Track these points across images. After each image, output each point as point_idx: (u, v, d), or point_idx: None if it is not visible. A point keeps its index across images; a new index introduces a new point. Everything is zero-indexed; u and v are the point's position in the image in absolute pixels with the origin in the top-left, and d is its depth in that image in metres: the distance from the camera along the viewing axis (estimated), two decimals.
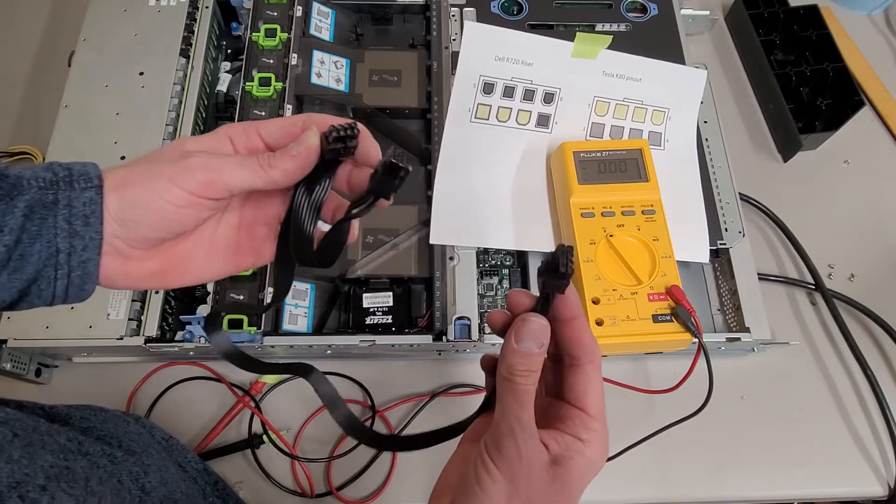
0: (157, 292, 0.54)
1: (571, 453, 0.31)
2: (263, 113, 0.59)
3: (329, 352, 0.55)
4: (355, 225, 0.37)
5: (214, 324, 0.39)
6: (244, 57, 0.62)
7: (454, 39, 0.65)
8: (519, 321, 0.33)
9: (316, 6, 0.65)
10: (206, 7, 0.66)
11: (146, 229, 0.32)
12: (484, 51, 0.60)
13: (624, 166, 0.56)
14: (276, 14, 0.63)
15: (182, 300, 0.56)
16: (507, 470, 0.30)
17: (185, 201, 0.32)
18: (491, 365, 0.37)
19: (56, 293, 0.32)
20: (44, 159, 0.57)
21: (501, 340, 0.55)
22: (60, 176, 0.31)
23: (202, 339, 0.52)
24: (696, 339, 0.49)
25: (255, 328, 0.51)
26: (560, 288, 0.33)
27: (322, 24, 0.65)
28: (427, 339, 0.53)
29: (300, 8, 0.63)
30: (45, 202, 0.31)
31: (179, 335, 0.53)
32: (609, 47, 0.61)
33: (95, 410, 0.44)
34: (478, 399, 0.56)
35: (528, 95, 0.60)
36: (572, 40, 0.61)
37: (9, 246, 0.30)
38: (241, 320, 0.51)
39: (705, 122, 0.65)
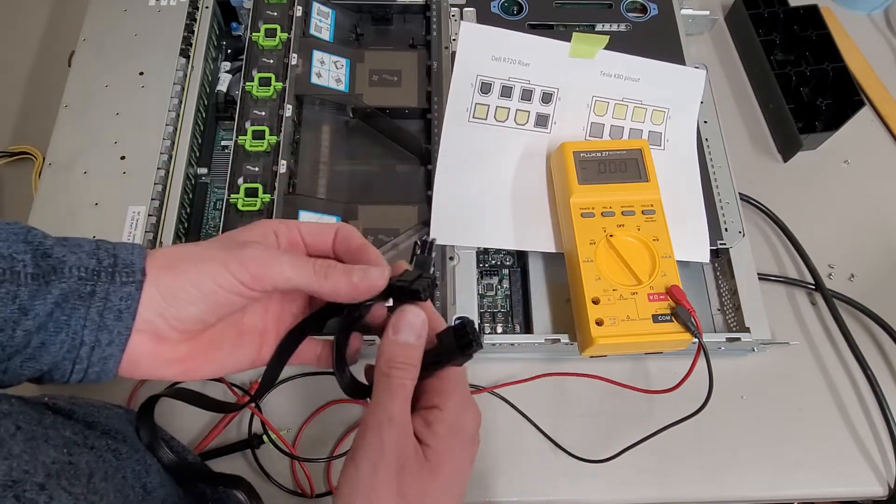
0: None
1: (433, 428, 0.32)
2: (263, 113, 0.59)
3: None
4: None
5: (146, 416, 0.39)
6: (244, 57, 0.62)
7: (454, 39, 0.65)
8: (398, 312, 0.33)
9: (316, 6, 0.65)
10: (206, 7, 0.66)
11: (193, 308, 0.32)
12: (480, 51, 0.60)
13: (624, 166, 0.56)
14: (276, 14, 0.63)
15: None
16: (370, 463, 0.30)
17: (236, 289, 0.32)
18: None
19: (69, 382, 0.31)
20: (44, 160, 0.57)
21: (502, 340, 0.55)
22: (104, 265, 0.30)
23: None
24: (696, 339, 0.49)
25: None
26: (459, 362, 0.33)
27: (322, 24, 0.65)
28: None
29: (300, 8, 0.63)
30: (82, 293, 0.30)
31: None
32: (609, 47, 0.61)
33: (98, 407, 0.43)
34: (478, 399, 0.56)
35: (526, 95, 0.60)
36: (570, 40, 0.61)
37: (28, 331, 0.29)
38: None
39: (705, 122, 0.65)
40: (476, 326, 0.33)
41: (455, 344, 0.32)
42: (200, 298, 0.32)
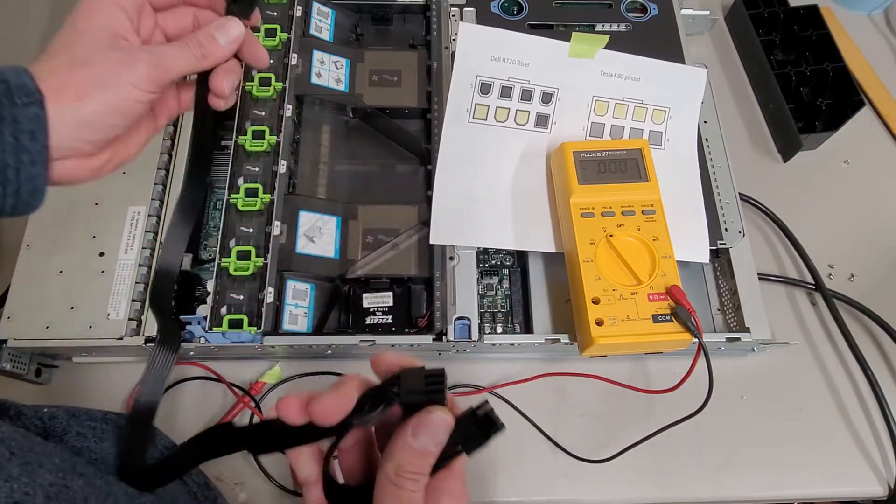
0: None
1: None
2: (263, 113, 0.59)
3: (329, 352, 0.55)
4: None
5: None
6: None
7: (454, 39, 0.65)
8: (424, 414, 0.29)
9: (316, 6, 0.65)
10: None
11: (112, 126, 0.35)
12: (480, 51, 0.60)
13: (624, 166, 0.56)
14: (276, 14, 0.63)
15: (182, 300, 0.56)
16: None
17: (145, 98, 0.35)
18: (382, 369, 0.32)
19: (4, 208, 0.32)
20: None
21: (502, 340, 0.55)
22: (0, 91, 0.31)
23: (202, 340, 0.52)
24: (696, 339, 0.49)
25: (256, 328, 0.51)
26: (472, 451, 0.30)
27: (322, 24, 0.65)
28: (427, 339, 0.53)
29: (300, 8, 0.63)
30: None
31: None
32: (609, 47, 0.61)
33: (97, 421, 0.43)
34: (478, 399, 0.56)
35: (526, 95, 0.60)
36: (569, 40, 0.61)
37: None
38: (241, 320, 0.51)
39: (705, 122, 0.65)
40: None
41: (479, 431, 0.30)
42: (119, 117, 0.34)
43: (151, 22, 0.38)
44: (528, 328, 0.58)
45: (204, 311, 0.52)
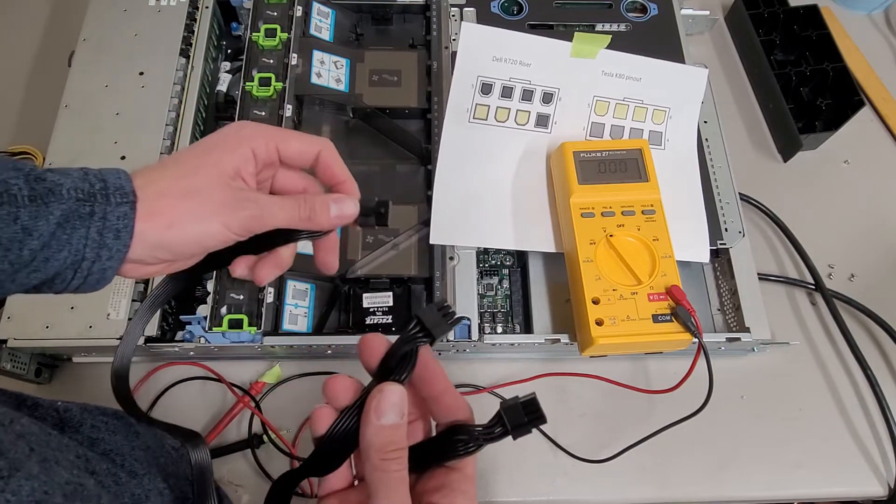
0: None
1: None
2: (263, 113, 0.59)
3: (329, 352, 0.55)
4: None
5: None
6: (244, 57, 0.62)
7: (454, 39, 0.65)
8: (376, 393, 0.30)
9: (316, 6, 0.65)
10: (206, 7, 0.66)
11: (185, 255, 0.35)
12: (481, 51, 0.60)
13: (624, 166, 0.56)
14: (276, 14, 0.63)
15: (182, 300, 0.56)
16: None
17: (231, 239, 0.34)
18: (374, 357, 0.33)
19: (68, 289, 0.33)
20: (44, 160, 0.57)
21: (502, 340, 0.55)
22: (97, 188, 0.32)
23: (202, 340, 0.52)
24: (696, 339, 0.49)
25: (256, 328, 0.51)
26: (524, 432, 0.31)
27: (322, 24, 0.65)
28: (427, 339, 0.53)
29: (300, 8, 0.63)
30: (81, 213, 0.31)
31: (179, 335, 0.53)
32: (609, 47, 0.61)
33: (109, 416, 0.43)
34: (478, 399, 0.56)
35: (527, 96, 0.60)
36: (571, 40, 0.61)
37: (34, 250, 0.30)
38: (241, 320, 0.51)
39: (705, 122, 0.65)
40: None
41: (524, 417, 0.31)
42: (197, 248, 0.34)
43: (271, 172, 0.38)
44: (528, 328, 0.58)
45: (204, 311, 0.52)
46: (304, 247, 0.56)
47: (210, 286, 0.53)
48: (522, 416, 0.31)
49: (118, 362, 0.38)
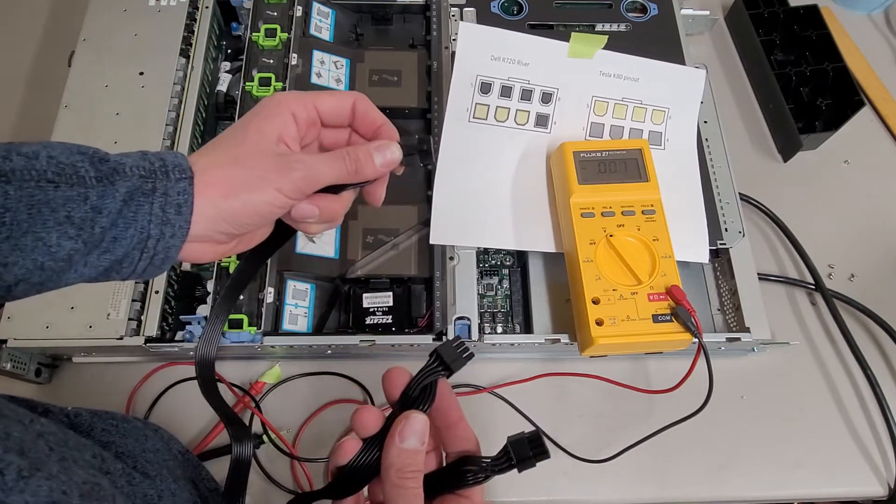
0: (156, 292, 0.54)
1: None
2: None
3: (329, 352, 0.55)
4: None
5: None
6: (244, 57, 0.62)
7: (454, 39, 0.65)
8: (401, 419, 0.33)
9: (316, 6, 0.65)
10: (206, 7, 0.66)
11: (248, 224, 0.36)
12: (480, 51, 0.60)
13: (624, 166, 0.56)
14: (276, 14, 0.63)
15: (182, 300, 0.56)
16: None
17: (287, 205, 0.36)
18: (396, 388, 0.36)
19: (135, 272, 0.34)
20: None
21: (502, 340, 0.55)
22: (157, 166, 0.34)
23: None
24: (696, 339, 0.49)
25: (256, 328, 0.51)
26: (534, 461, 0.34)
27: (322, 24, 0.65)
28: (427, 339, 0.53)
29: (300, 8, 0.63)
30: (144, 190, 0.33)
31: (179, 335, 0.53)
32: (609, 47, 0.61)
33: (118, 420, 0.44)
34: (478, 399, 0.56)
35: (526, 95, 0.60)
36: (569, 40, 0.61)
37: (104, 228, 0.32)
38: (241, 320, 0.51)
39: (705, 122, 0.65)
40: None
41: (529, 451, 0.33)
42: (257, 218, 0.36)
43: (315, 133, 0.40)
44: (528, 328, 0.58)
45: (204, 311, 0.53)
46: (304, 247, 0.56)
47: (210, 286, 0.53)
48: (528, 451, 0.34)
49: (203, 350, 0.40)
